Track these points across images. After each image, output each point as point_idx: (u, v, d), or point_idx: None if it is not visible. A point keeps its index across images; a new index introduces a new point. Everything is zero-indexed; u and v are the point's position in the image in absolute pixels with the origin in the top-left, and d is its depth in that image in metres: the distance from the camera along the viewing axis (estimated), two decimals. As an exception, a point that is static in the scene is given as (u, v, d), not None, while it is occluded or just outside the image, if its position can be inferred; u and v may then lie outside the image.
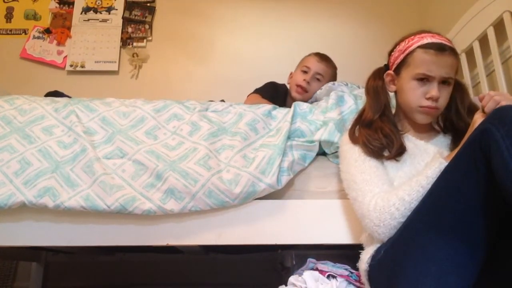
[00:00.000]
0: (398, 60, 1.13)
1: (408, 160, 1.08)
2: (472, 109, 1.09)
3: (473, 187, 0.79)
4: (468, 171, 0.80)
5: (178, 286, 2.12)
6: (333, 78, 1.81)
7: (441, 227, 0.82)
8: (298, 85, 1.76)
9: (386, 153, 1.07)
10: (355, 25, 2.60)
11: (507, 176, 0.70)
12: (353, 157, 1.09)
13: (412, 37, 1.11)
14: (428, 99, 1.06)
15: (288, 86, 1.89)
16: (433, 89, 1.05)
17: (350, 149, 1.11)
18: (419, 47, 1.08)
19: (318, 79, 1.76)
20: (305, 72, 1.78)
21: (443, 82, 1.06)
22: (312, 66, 1.78)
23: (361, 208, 1.01)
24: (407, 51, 1.10)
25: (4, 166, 1.21)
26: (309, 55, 1.85)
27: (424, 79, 1.06)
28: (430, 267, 0.80)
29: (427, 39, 1.07)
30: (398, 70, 1.13)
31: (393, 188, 1.00)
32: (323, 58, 1.81)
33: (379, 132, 1.09)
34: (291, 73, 1.88)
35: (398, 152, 1.06)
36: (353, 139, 1.12)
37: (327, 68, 1.79)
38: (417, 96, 1.08)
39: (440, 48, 1.05)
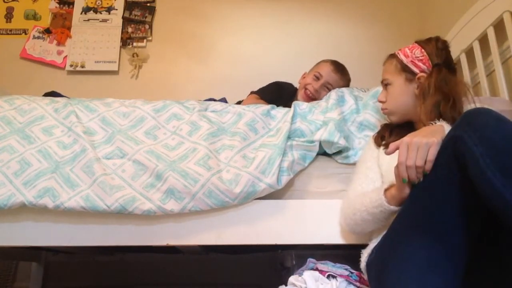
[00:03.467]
0: None
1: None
2: (433, 99, 1.06)
3: (447, 191, 0.79)
4: (443, 176, 0.81)
5: (178, 286, 2.12)
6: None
7: (418, 228, 0.83)
8: (306, 90, 1.74)
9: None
10: (355, 25, 2.60)
11: (485, 185, 0.70)
12: (359, 158, 1.26)
13: None
14: None
15: (298, 85, 1.87)
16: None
17: (362, 151, 1.28)
18: None
19: (327, 88, 1.73)
20: (317, 78, 1.75)
21: (385, 85, 1.21)
22: (325, 74, 1.74)
23: (343, 198, 1.19)
24: None
25: (4, 167, 1.21)
26: (326, 61, 1.80)
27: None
28: (410, 266, 0.81)
29: None
30: None
31: (366, 192, 1.10)
32: (339, 69, 1.77)
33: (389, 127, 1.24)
34: (304, 73, 1.85)
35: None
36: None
37: (340, 80, 1.74)
38: None
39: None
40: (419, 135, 0.87)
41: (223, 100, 1.92)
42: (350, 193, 1.16)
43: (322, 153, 1.36)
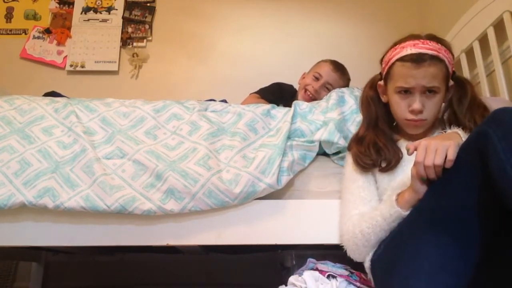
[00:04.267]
0: (384, 72, 1.13)
1: (399, 168, 1.09)
2: (474, 108, 1.08)
3: (467, 188, 0.79)
4: (464, 172, 0.80)
5: (178, 286, 2.12)
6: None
7: (434, 225, 0.83)
8: (306, 90, 1.73)
9: (378, 166, 1.10)
10: (355, 25, 2.60)
11: (503, 179, 0.70)
12: (346, 175, 1.16)
13: (395, 47, 1.09)
14: (411, 112, 1.05)
15: (297, 86, 1.86)
16: (414, 102, 1.03)
17: (347, 166, 1.17)
18: (398, 60, 1.06)
19: (327, 88, 1.72)
20: (316, 78, 1.74)
21: (429, 91, 1.04)
22: (325, 74, 1.73)
23: (341, 228, 1.10)
24: (389, 64, 1.10)
25: (4, 167, 1.21)
26: (325, 61, 1.80)
27: (406, 92, 1.05)
28: (423, 263, 0.81)
29: (407, 49, 1.05)
30: (385, 81, 1.13)
31: (366, 213, 1.05)
32: (338, 68, 1.76)
33: (370, 148, 1.11)
34: (303, 74, 1.85)
35: (389, 167, 1.09)
36: (352, 153, 1.17)
37: (339, 80, 1.74)
38: (401, 109, 1.07)
39: (417, 60, 1.02)
40: (436, 139, 0.88)
41: (224, 101, 1.92)
42: (348, 222, 1.07)
43: (322, 153, 1.36)
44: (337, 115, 1.34)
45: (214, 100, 1.83)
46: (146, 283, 2.14)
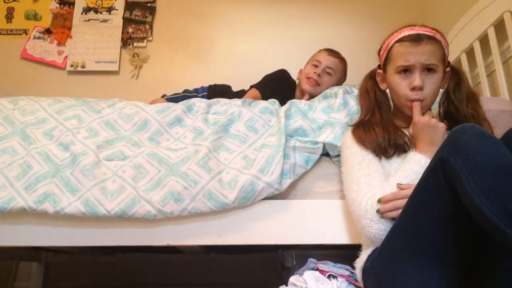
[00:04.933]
0: (383, 58, 1.16)
1: (402, 155, 1.08)
2: (471, 98, 1.11)
3: (439, 213, 0.79)
4: (433, 197, 0.80)
5: (178, 286, 2.12)
6: (344, 73, 1.80)
7: (412, 248, 0.83)
8: (308, 78, 1.73)
9: (382, 152, 1.07)
10: (355, 26, 2.60)
11: (471, 209, 0.70)
12: (357, 160, 1.08)
13: (392, 34, 1.14)
14: (412, 90, 1.06)
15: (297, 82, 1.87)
16: (415, 79, 1.05)
17: (353, 153, 1.10)
18: (396, 41, 1.11)
19: (329, 73, 1.73)
20: (315, 66, 1.75)
21: (427, 70, 1.06)
22: (323, 60, 1.75)
23: (359, 208, 1.00)
24: (388, 48, 1.13)
25: (6, 169, 1.21)
26: (320, 50, 1.83)
27: (406, 71, 1.08)
28: (408, 281, 0.81)
29: (404, 32, 1.09)
30: (385, 67, 1.16)
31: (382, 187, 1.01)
32: (334, 52, 1.79)
33: (372, 133, 1.10)
34: (300, 70, 1.86)
35: (394, 152, 1.07)
36: (356, 138, 1.13)
37: (338, 63, 1.76)
38: (403, 89, 1.08)
39: (414, 38, 1.06)
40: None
41: (226, 86, 1.99)
42: (365, 198, 1.00)
43: (323, 153, 1.36)
44: (344, 117, 1.33)
45: (216, 84, 1.97)
46: (146, 283, 2.14)
